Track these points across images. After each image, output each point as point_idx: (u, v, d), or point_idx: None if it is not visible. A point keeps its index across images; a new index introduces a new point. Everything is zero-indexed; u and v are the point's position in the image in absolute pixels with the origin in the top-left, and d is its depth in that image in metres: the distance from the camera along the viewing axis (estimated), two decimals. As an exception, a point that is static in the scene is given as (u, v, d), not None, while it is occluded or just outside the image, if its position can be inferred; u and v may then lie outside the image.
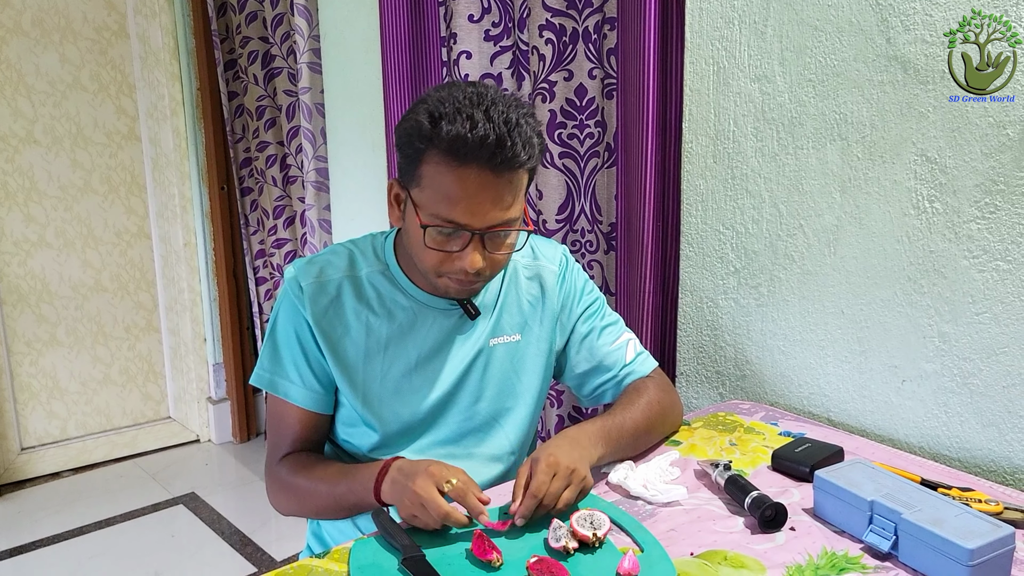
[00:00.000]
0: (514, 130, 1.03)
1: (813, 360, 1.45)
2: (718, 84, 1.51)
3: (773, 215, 1.46)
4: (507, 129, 1.02)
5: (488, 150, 1.02)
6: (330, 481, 1.17)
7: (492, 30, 1.87)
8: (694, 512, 1.10)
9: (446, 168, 1.04)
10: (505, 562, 0.96)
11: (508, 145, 1.02)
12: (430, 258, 1.11)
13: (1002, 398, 1.21)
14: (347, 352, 1.19)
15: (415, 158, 1.07)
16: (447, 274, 1.12)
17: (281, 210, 3.05)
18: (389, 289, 1.21)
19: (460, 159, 1.03)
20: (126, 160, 3.22)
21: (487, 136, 1.01)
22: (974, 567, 0.89)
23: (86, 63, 3.07)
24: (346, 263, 1.21)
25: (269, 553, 2.57)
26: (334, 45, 2.44)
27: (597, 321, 1.32)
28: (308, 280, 1.18)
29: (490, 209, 1.06)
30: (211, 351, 3.39)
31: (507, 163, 1.04)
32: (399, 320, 1.20)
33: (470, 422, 1.25)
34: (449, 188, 1.05)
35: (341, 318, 1.19)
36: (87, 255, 3.17)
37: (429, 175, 1.06)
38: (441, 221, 1.07)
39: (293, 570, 0.99)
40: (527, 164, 1.07)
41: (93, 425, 3.26)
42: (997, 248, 1.19)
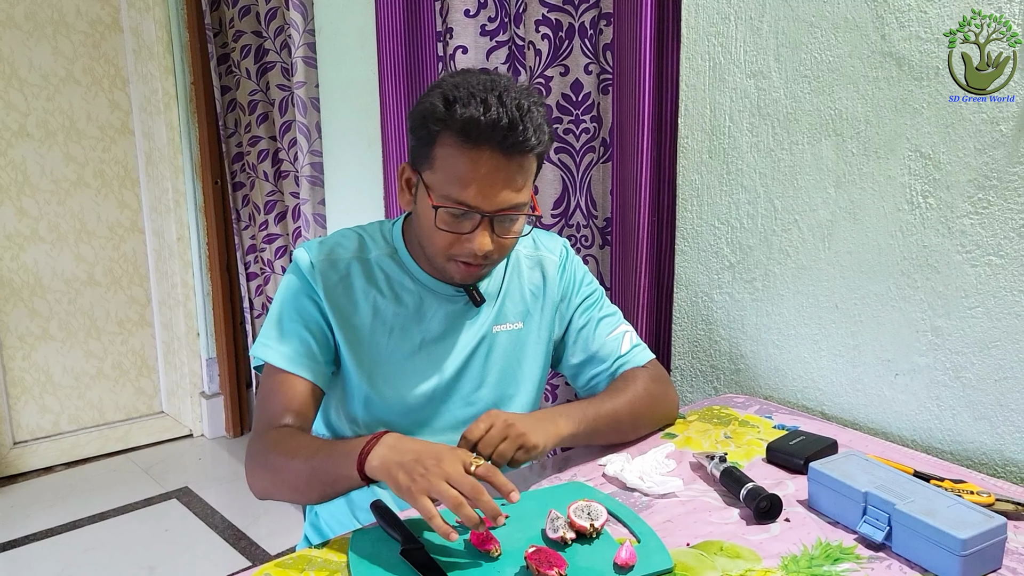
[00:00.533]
0: (526, 115, 1.07)
1: (807, 354, 1.46)
2: (714, 80, 1.51)
3: (768, 210, 1.47)
4: (519, 114, 1.06)
5: (500, 132, 1.05)
6: (308, 453, 1.10)
7: (488, 25, 1.87)
8: (690, 504, 1.11)
9: (458, 150, 1.07)
10: (504, 552, 0.97)
11: (520, 129, 1.06)
12: (440, 240, 1.12)
13: (994, 391, 1.23)
14: (355, 328, 1.20)
15: (429, 140, 1.10)
16: (455, 257, 1.14)
17: (272, 205, 3.04)
18: (397, 272, 1.22)
19: (473, 141, 1.06)
20: (119, 154, 3.21)
21: (500, 119, 1.05)
22: (966, 557, 0.90)
23: (79, 56, 3.06)
24: (356, 245, 1.23)
25: (263, 547, 2.58)
26: (329, 39, 2.44)
27: (595, 312, 1.33)
28: (319, 258, 1.20)
29: (500, 191, 1.08)
30: (204, 346, 3.39)
31: (518, 146, 1.07)
32: (405, 303, 1.22)
33: (472, 408, 1.26)
34: (461, 170, 1.08)
35: (350, 296, 1.20)
36: (80, 249, 3.16)
37: (442, 157, 1.09)
38: (452, 203, 1.09)
39: (292, 560, 0.99)
40: (537, 149, 1.10)
41: (86, 419, 3.26)
42: (990, 243, 1.20)
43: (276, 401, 1.18)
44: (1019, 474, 1.22)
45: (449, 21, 1.89)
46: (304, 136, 2.59)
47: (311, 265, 1.19)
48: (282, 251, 3.07)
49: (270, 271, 3.12)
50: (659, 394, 1.32)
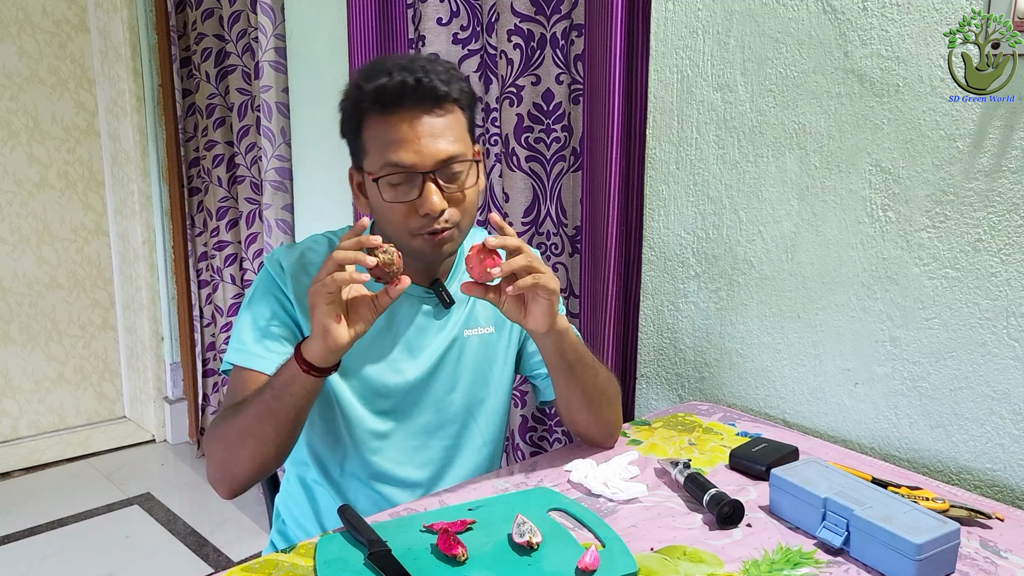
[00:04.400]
0: (430, 70, 1.10)
1: (770, 363, 1.49)
2: (682, 92, 1.54)
3: (733, 221, 1.50)
4: (423, 72, 1.09)
5: (409, 91, 1.09)
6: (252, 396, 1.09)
7: (460, 33, 1.88)
8: (654, 509, 1.13)
9: (380, 121, 1.11)
10: (470, 557, 0.98)
11: (425, 82, 1.09)
12: (396, 217, 1.13)
13: (949, 400, 1.26)
14: None
15: (356, 130, 1.14)
16: (417, 231, 1.13)
17: (224, 211, 2.99)
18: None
19: (388, 108, 1.10)
20: (84, 155, 3.17)
21: (404, 81, 1.08)
22: (921, 561, 0.93)
23: (44, 56, 3.02)
24: (326, 249, 1.23)
25: (227, 554, 2.55)
26: (300, 44, 2.44)
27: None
28: (289, 261, 1.20)
29: (429, 145, 1.10)
30: (168, 350, 3.35)
31: (431, 98, 1.10)
32: None
33: (444, 413, 1.26)
34: (386, 135, 1.10)
35: None
36: (43, 251, 3.11)
37: (370, 137, 1.13)
38: (389, 169, 1.11)
39: (259, 565, 0.99)
40: (452, 96, 1.12)
41: (46, 424, 3.21)
42: (946, 256, 1.23)
43: (237, 396, 1.15)
44: (973, 481, 1.25)
45: (421, 29, 1.89)
46: (269, 140, 2.57)
47: (281, 268, 1.19)
48: (232, 259, 3.01)
49: (219, 279, 3.07)
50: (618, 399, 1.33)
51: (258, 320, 1.18)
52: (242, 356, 1.17)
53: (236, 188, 2.95)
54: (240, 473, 1.11)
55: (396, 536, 1.02)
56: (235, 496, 1.14)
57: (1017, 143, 1.14)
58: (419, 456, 1.26)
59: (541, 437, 1.98)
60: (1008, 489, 1.22)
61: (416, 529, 1.05)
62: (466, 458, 1.29)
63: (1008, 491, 1.21)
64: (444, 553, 0.98)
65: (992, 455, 1.23)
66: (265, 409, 1.07)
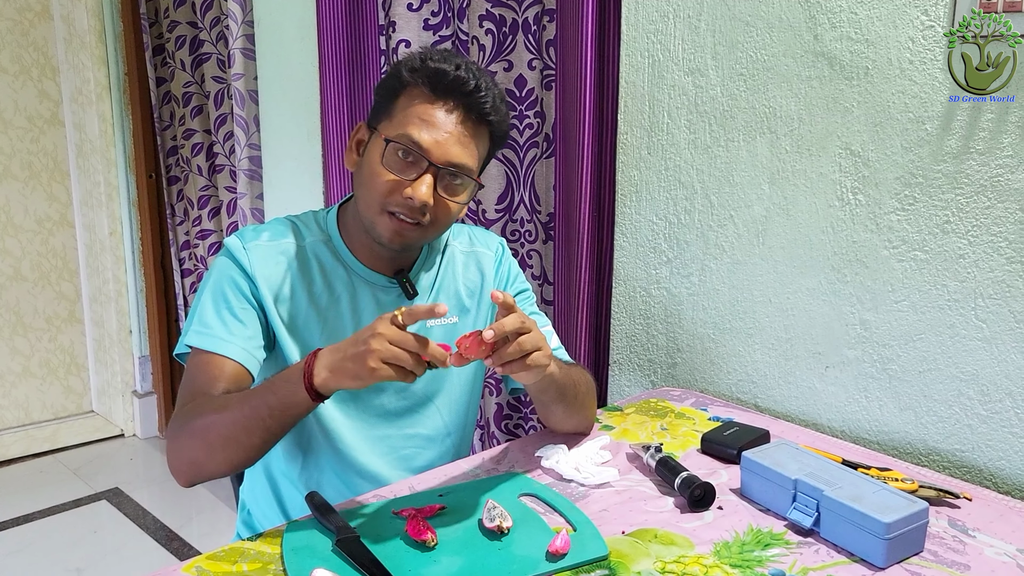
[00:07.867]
0: (491, 86, 1.14)
1: (741, 347, 1.49)
2: (653, 77, 1.53)
3: (705, 206, 1.50)
4: (484, 87, 1.12)
5: (465, 89, 1.11)
6: (240, 400, 1.04)
7: (431, 19, 1.86)
8: (626, 493, 1.12)
9: (423, 98, 1.12)
10: (440, 542, 0.97)
11: (482, 94, 1.12)
12: (380, 184, 1.11)
13: (918, 382, 1.27)
14: (290, 313, 1.17)
15: (395, 91, 1.14)
16: (391, 208, 1.12)
17: (206, 200, 2.97)
18: (330, 260, 1.21)
19: (438, 93, 1.11)
20: (48, 145, 3.11)
21: (467, 79, 1.11)
22: (890, 540, 0.93)
23: (6, 44, 2.95)
24: (290, 232, 1.21)
25: (196, 548, 2.52)
26: (269, 31, 2.40)
27: (527, 307, 1.33)
28: (251, 242, 1.17)
29: (452, 145, 1.11)
30: (137, 343, 3.30)
31: (478, 108, 1.12)
32: (338, 292, 1.20)
33: (405, 400, 1.25)
34: (421, 112, 1.12)
35: (284, 281, 1.17)
36: (6, 243, 3.05)
37: (404, 105, 1.13)
38: (406, 141, 1.10)
39: (224, 552, 0.97)
40: (492, 118, 1.15)
41: (10, 419, 3.14)
42: (915, 239, 1.24)
43: (200, 380, 1.10)
44: (941, 462, 1.26)
45: (392, 15, 1.87)
46: (242, 129, 2.54)
47: (243, 249, 1.16)
48: (215, 247, 3.00)
49: (203, 268, 3.05)
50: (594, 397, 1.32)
51: (217, 303, 1.14)
52: (205, 339, 1.12)
53: (216, 177, 2.92)
54: (211, 472, 1.08)
55: (365, 522, 1.01)
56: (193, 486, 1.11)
57: (984, 124, 1.15)
58: (381, 445, 1.24)
59: (516, 425, 1.97)
60: (976, 469, 1.22)
61: (386, 515, 1.04)
62: (429, 447, 1.27)
63: (976, 471, 1.22)
64: (414, 539, 0.97)
65: (960, 436, 1.24)
66: (258, 424, 1.02)
